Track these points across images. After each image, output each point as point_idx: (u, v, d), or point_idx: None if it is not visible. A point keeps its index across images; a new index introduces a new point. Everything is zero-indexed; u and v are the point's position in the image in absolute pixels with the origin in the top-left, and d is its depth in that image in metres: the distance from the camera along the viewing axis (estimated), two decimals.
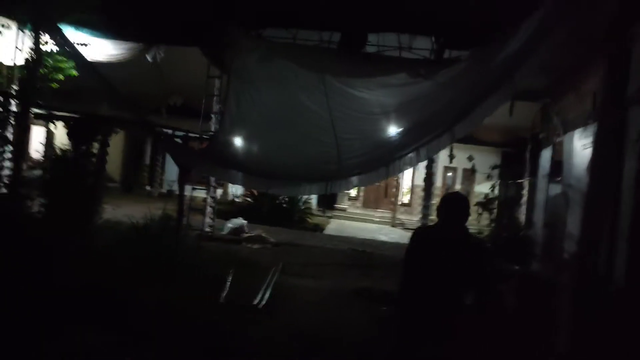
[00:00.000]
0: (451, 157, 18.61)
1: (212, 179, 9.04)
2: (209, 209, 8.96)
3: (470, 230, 2.91)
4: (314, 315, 5.35)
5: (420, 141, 4.18)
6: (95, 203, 6.55)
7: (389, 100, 5.47)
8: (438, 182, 18.48)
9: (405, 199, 19.01)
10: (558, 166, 6.42)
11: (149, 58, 8.56)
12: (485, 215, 7.34)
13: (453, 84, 4.81)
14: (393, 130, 4.85)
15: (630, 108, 4.77)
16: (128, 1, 7.29)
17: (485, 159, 15.38)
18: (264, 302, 5.41)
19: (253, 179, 4.61)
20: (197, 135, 8.02)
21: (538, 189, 7.39)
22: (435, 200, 17.71)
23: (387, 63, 6.89)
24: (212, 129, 8.25)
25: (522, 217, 8.49)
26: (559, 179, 6.21)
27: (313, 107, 5.70)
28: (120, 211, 9.10)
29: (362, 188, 19.49)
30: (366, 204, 19.44)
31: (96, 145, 6.28)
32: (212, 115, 8.81)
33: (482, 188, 8.51)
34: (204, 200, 8.97)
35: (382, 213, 18.05)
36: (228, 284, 5.85)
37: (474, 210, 10.38)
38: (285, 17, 8.30)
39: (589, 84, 5.40)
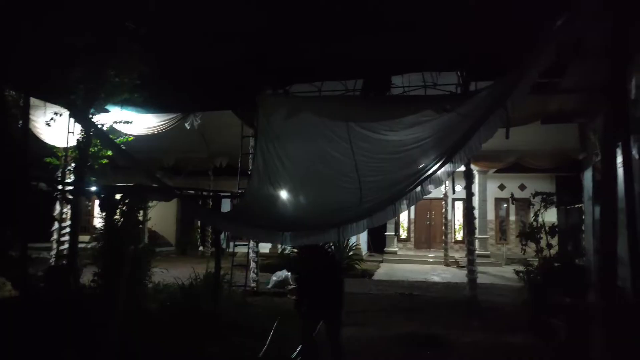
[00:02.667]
0: (501, 187, 17.79)
1: None
2: (252, 264, 9.11)
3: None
4: None
5: (425, 175, 4.14)
6: (142, 268, 6.89)
7: (413, 137, 5.49)
8: (490, 214, 17.76)
9: (459, 235, 18.37)
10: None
11: (186, 125, 9.19)
12: (533, 245, 6.97)
13: (472, 114, 4.78)
14: (413, 166, 4.85)
15: None
16: (166, 77, 7.92)
17: (539, 186, 14.73)
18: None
19: (271, 234, 4.69)
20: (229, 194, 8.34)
21: (586, 212, 6.97)
22: (489, 234, 16.79)
23: (412, 102, 6.97)
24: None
25: (580, 243, 7.97)
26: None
27: (337, 155, 5.80)
28: (170, 273, 9.46)
29: (412, 229, 19.06)
30: (418, 245, 18.94)
31: (137, 214, 6.61)
32: (249, 173, 9.15)
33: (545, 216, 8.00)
34: (247, 255, 9.15)
35: (436, 253, 17.49)
36: (269, 338, 5.87)
37: (516, 241, 9.81)
38: (308, 72, 8.69)
39: None
